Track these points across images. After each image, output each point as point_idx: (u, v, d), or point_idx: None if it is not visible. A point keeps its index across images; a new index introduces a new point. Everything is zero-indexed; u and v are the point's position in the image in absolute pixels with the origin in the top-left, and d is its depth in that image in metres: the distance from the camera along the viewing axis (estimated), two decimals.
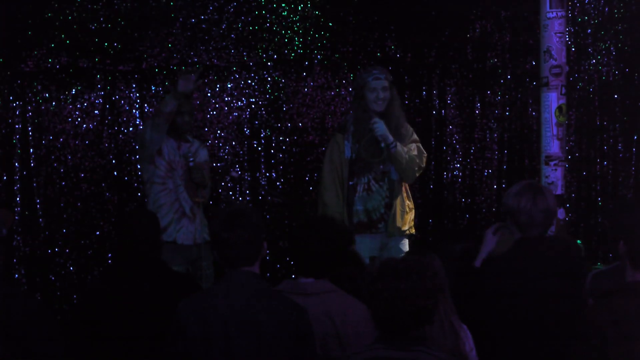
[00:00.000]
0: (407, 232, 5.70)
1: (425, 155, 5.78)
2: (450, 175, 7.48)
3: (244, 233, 3.38)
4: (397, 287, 2.91)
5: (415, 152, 5.67)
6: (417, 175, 5.76)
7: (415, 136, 5.77)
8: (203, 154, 5.89)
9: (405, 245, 5.71)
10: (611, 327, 3.25)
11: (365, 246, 5.43)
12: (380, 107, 5.59)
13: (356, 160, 5.64)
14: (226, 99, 6.99)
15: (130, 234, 4.22)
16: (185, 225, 5.67)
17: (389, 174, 5.64)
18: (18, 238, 6.59)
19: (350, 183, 5.63)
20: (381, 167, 5.63)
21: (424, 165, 5.76)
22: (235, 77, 6.96)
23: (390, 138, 5.52)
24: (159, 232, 4.35)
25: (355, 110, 5.72)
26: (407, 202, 5.74)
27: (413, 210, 5.80)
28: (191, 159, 5.66)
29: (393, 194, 5.64)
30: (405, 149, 5.60)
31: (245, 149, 7.02)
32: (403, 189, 5.71)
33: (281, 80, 7.06)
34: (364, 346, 3.07)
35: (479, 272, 4.07)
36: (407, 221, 5.71)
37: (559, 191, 5.62)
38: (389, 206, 5.63)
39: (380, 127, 5.51)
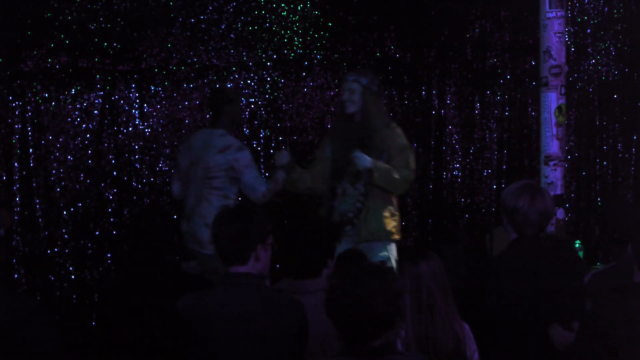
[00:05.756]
0: (386, 237, 5.38)
1: (413, 166, 5.41)
2: (449, 175, 7.48)
3: (231, 230, 3.40)
4: (353, 293, 2.79)
5: (406, 168, 5.35)
6: (408, 186, 5.49)
7: (401, 141, 5.40)
8: None
9: (383, 250, 5.38)
10: (625, 327, 3.25)
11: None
12: (346, 109, 5.39)
13: (333, 161, 5.50)
14: None
15: (141, 234, 4.17)
16: None
17: (367, 180, 5.35)
18: (17, 238, 6.58)
19: (334, 187, 5.47)
20: (351, 170, 5.38)
21: (413, 175, 5.44)
22: (234, 77, 6.96)
23: (369, 164, 5.24)
24: (172, 231, 4.23)
25: (336, 109, 5.61)
26: (391, 207, 5.41)
27: (397, 216, 5.47)
28: None
29: (367, 198, 5.37)
30: (387, 167, 5.28)
31: None
32: (391, 196, 5.42)
33: (280, 80, 7.06)
34: (329, 358, 2.93)
35: (476, 273, 4.08)
36: (389, 227, 5.39)
37: (558, 191, 5.61)
38: (360, 210, 5.39)
39: (362, 161, 5.24)
